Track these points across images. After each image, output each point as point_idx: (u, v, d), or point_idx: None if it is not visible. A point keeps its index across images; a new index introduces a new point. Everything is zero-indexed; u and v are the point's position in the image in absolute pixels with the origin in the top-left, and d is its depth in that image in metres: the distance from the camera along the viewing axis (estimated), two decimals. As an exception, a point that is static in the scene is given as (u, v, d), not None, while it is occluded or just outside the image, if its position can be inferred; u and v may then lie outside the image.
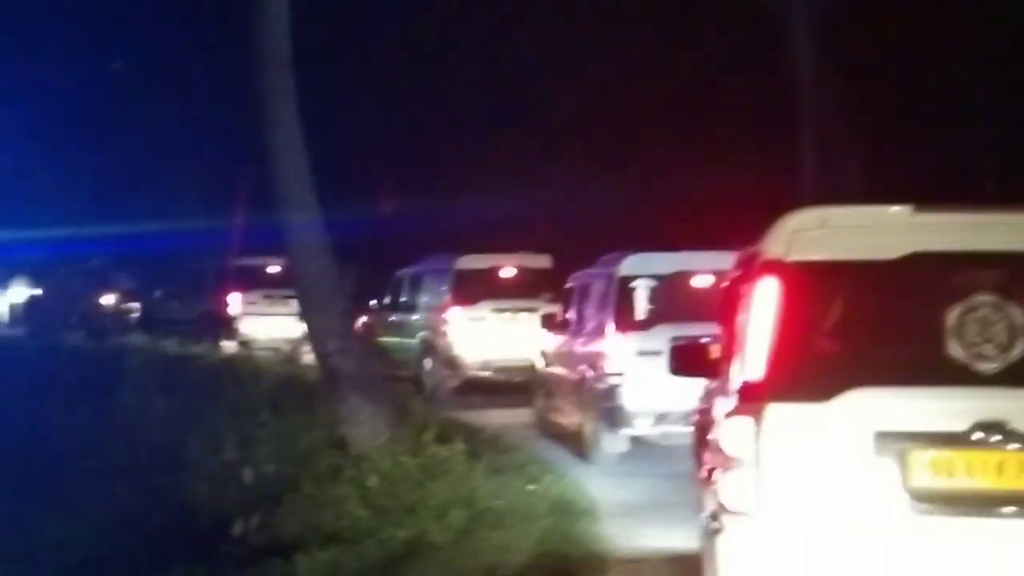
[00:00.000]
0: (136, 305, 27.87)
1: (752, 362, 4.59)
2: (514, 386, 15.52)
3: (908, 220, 4.72)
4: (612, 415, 10.95)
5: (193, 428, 11.30)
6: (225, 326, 22.31)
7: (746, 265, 5.25)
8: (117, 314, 27.69)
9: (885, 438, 4.40)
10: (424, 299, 17.39)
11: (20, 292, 33.54)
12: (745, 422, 4.53)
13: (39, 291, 31.42)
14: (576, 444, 12.01)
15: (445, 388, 16.48)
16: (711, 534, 4.84)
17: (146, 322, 25.63)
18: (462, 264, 16.70)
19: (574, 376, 12.10)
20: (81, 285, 28.51)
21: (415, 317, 17.58)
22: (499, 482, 9.54)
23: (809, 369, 4.58)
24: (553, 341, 13.53)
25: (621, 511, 9.15)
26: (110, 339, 21.81)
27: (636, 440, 11.19)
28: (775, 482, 4.49)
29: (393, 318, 18.42)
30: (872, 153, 16.48)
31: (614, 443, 11.13)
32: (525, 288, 16.09)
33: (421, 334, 17.14)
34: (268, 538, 8.49)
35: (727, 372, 5.65)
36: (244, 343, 21.63)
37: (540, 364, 14.14)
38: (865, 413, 4.43)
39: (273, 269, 21.47)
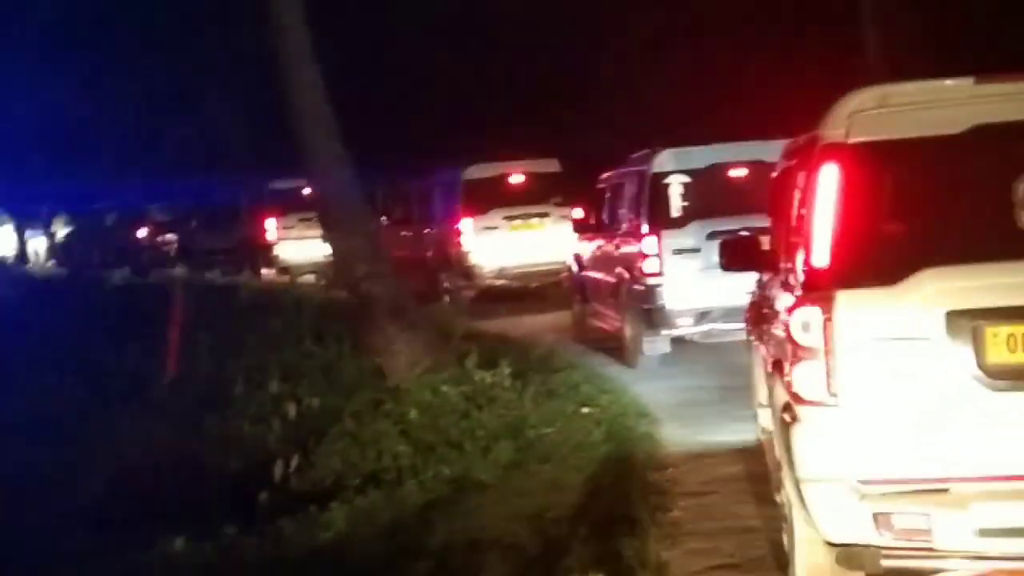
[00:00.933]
0: (173, 237, 28.01)
1: (817, 249, 4.56)
2: (531, 292, 15.96)
3: (969, 92, 4.64)
4: (652, 317, 10.97)
5: (237, 362, 11.25)
6: (264, 253, 22.24)
7: (802, 152, 5.19)
8: (152, 247, 27.80)
9: (957, 317, 4.38)
10: (436, 212, 17.51)
11: (59, 230, 33.91)
12: (814, 311, 4.51)
13: (74, 228, 31.72)
14: (617, 348, 12.07)
15: (462, 299, 16.66)
16: (785, 425, 4.86)
17: (185, 253, 25.68)
18: (470, 174, 16.74)
19: (610, 279, 12.10)
20: (115, 220, 28.70)
21: (427, 230, 17.73)
22: (550, 407, 9.16)
23: (876, 253, 4.55)
24: (586, 244, 13.55)
25: (673, 412, 9.18)
26: (150, 272, 21.78)
27: (677, 340, 11.21)
28: (848, 369, 4.49)
29: (405, 233, 18.49)
30: (939, 49, 15.96)
31: (655, 345, 11.17)
32: (535, 193, 16.25)
33: (435, 247, 17.30)
34: (308, 481, 8.26)
35: (782, 264, 5.66)
36: (284, 269, 21.61)
37: (574, 268, 14.19)
38: (935, 293, 4.40)
39: (308, 191, 21.48)
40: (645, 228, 11.01)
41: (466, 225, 16.50)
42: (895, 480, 4.47)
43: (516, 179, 16.96)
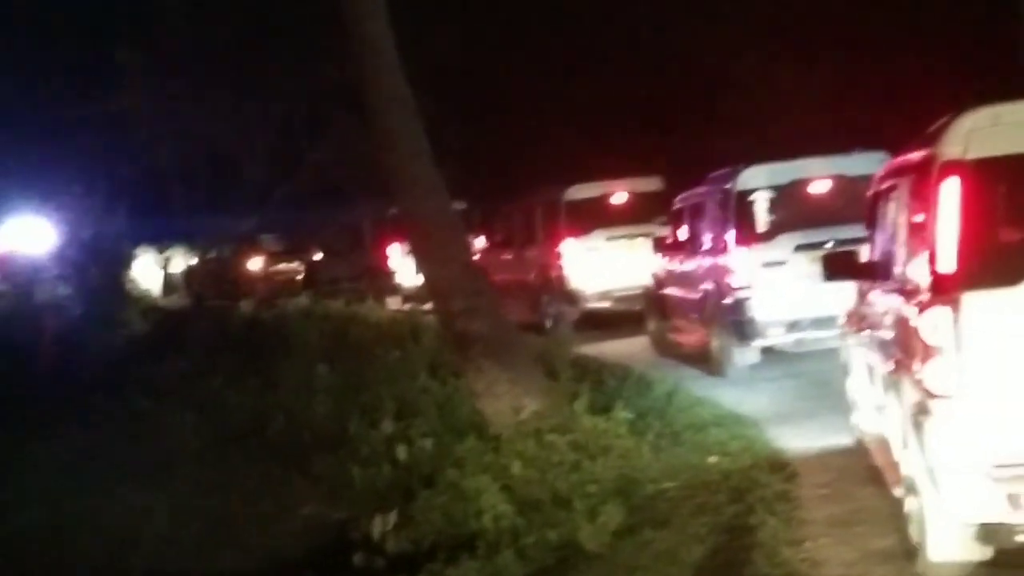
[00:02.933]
0: (288, 266, 28.45)
1: (943, 256, 5.18)
2: (635, 315, 15.67)
3: None
4: (743, 328, 11.54)
5: (354, 397, 10.87)
6: (387, 281, 22.31)
7: (915, 168, 5.81)
8: (266, 278, 28.43)
9: None
10: (537, 233, 17.60)
11: (176, 263, 34.67)
12: (943, 312, 5.13)
13: (195, 260, 32.45)
14: (701, 362, 12.64)
15: (566, 323, 16.79)
16: (917, 420, 5.46)
17: (310, 283, 25.94)
18: (571, 194, 16.85)
19: (695, 294, 12.66)
20: (230, 250, 29.29)
21: (531, 252, 17.81)
22: (672, 456, 8.54)
23: (996, 258, 5.19)
24: (665, 263, 14.12)
25: (777, 419, 9.57)
26: (273, 303, 21.94)
27: (765, 350, 11.80)
28: (976, 364, 5.11)
29: (506, 256, 18.72)
30: None
31: (745, 355, 11.76)
32: (638, 213, 16.09)
33: (537, 270, 17.38)
34: (406, 539, 7.84)
35: (896, 272, 6.27)
36: (408, 297, 21.48)
37: (651, 286, 14.73)
38: None
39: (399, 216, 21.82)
40: (733, 243, 11.62)
41: (568, 247, 16.59)
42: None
43: (618, 199, 17.00)
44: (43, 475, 10.41)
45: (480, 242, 19.87)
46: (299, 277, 27.90)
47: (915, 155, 5.91)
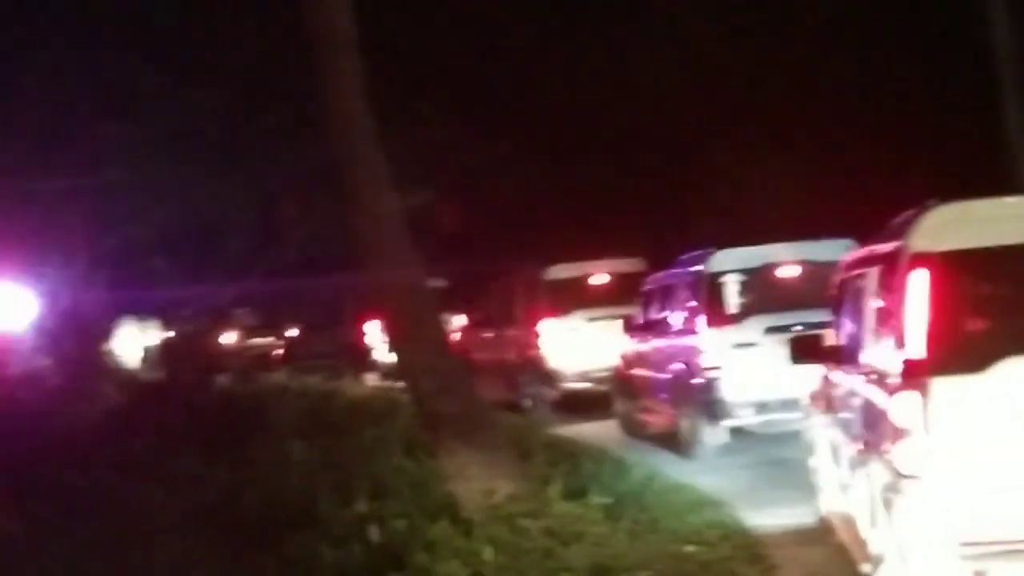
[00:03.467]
0: (262, 341, 28.38)
1: (913, 342, 5.53)
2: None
3: None
4: (713, 408, 11.83)
5: (328, 476, 10.64)
6: (365, 357, 22.53)
7: (884, 259, 6.17)
8: (238, 353, 28.47)
9: None
10: (516, 312, 17.81)
11: (154, 335, 34.65)
12: (913, 396, 5.48)
13: (171, 333, 32.56)
14: (669, 443, 12.88)
15: (544, 404, 16.97)
16: (886, 499, 5.76)
17: (288, 358, 25.98)
18: (552, 274, 17.14)
19: (665, 375, 12.96)
20: (203, 325, 29.37)
21: (510, 332, 18.00)
22: (649, 543, 8.37)
23: (964, 345, 5.56)
24: (634, 343, 14.42)
25: (750, 501, 9.68)
26: (249, 378, 22.00)
27: (735, 431, 12.02)
28: (944, 446, 5.44)
29: (486, 334, 18.93)
30: None
31: (715, 436, 12.02)
32: (618, 294, 16.06)
33: (516, 349, 17.55)
34: None
35: (863, 357, 6.63)
36: (386, 374, 21.54)
37: (620, 367, 14.99)
38: (1019, 378, 5.36)
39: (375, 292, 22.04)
40: (704, 324, 11.98)
41: (547, 327, 16.77)
42: (991, 542, 5.37)
43: (599, 279, 17.20)
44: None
45: (460, 320, 20.13)
46: (276, 352, 28.02)
47: (884, 246, 6.29)
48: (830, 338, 7.90)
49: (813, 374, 8.35)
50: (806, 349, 8.04)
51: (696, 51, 20.61)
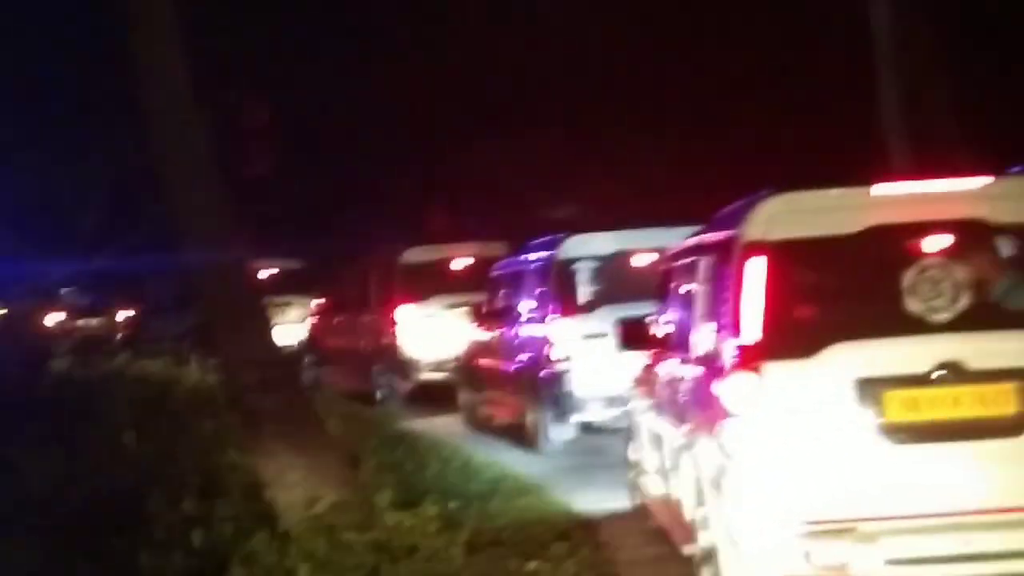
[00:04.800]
0: (91, 323, 27.92)
1: (746, 328, 6.36)
2: None
3: (865, 199, 6.57)
4: (561, 402, 12.58)
5: (160, 471, 10.64)
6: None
7: (716, 247, 7.02)
8: (65, 334, 28.03)
9: (864, 383, 6.22)
10: (371, 298, 18.25)
11: None
12: (746, 379, 6.29)
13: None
14: (516, 436, 13.65)
15: (398, 396, 17.54)
16: (716, 481, 6.61)
17: (130, 340, 25.76)
18: (409, 257, 17.60)
19: (513, 366, 13.68)
20: (29, 305, 28.90)
21: (364, 318, 18.43)
22: (487, 558, 8.50)
23: (796, 330, 6.38)
24: (481, 332, 15.14)
25: (597, 501, 10.37)
26: (86, 362, 21.77)
27: (584, 426, 12.89)
28: (773, 429, 6.25)
29: (338, 320, 19.40)
30: (962, 87, 15.73)
31: (563, 431, 12.80)
32: (480, 280, 16.15)
33: (369, 336, 18.00)
34: None
35: (695, 343, 7.47)
36: None
37: (465, 356, 15.70)
38: (846, 363, 6.23)
39: (269, 271, 22.26)
40: (553, 314, 12.70)
41: (403, 313, 17.28)
42: (817, 521, 6.24)
43: (460, 264, 17.67)
44: None
45: (313, 305, 20.68)
46: (116, 334, 27.79)
47: (716, 234, 7.13)
48: (658, 325, 8.74)
49: (638, 361, 9.17)
50: (634, 336, 8.91)
51: (570, 29, 21.55)
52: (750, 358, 6.31)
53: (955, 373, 6.23)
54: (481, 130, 23.88)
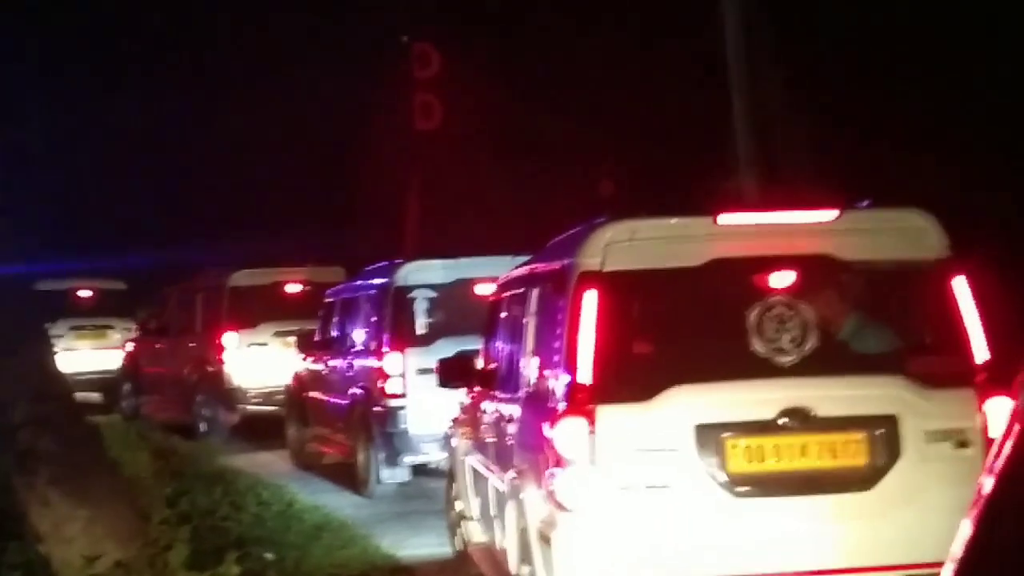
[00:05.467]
0: None
1: (579, 367, 6.13)
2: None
3: (709, 229, 6.40)
4: (393, 442, 12.25)
5: None
6: None
7: (549, 278, 6.79)
8: None
9: (704, 430, 6.03)
10: (196, 322, 17.92)
11: None
12: (578, 423, 6.04)
13: None
14: (345, 477, 13.31)
15: (222, 428, 17.16)
16: (543, 534, 6.35)
17: None
18: (237, 280, 17.25)
19: (342, 400, 13.32)
20: None
21: (188, 344, 18.07)
22: None
23: (632, 371, 6.18)
24: (311, 362, 14.77)
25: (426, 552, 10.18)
26: None
27: (418, 468, 12.59)
28: (608, 477, 6.02)
29: (159, 345, 18.94)
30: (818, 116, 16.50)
31: (395, 473, 12.46)
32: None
33: (192, 364, 17.65)
34: None
35: (526, 381, 7.23)
36: None
37: (293, 387, 15.33)
38: (685, 408, 6.04)
39: (85, 293, 22.12)
40: (387, 345, 12.35)
41: (229, 340, 16.98)
42: (650, 582, 6.04)
43: (292, 288, 17.48)
44: None
45: (133, 329, 20.32)
46: None
47: (547, 264, 6.91)
48: (481, 361, 8.53)
49: (459, 399, 9.00)
50: (454, 371, 8.67)
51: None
52: (582, 400, 6.09)
53: (802, 420, 6.09)
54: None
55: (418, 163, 21.99)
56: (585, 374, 6.10)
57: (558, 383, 6.26)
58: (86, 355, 21.80)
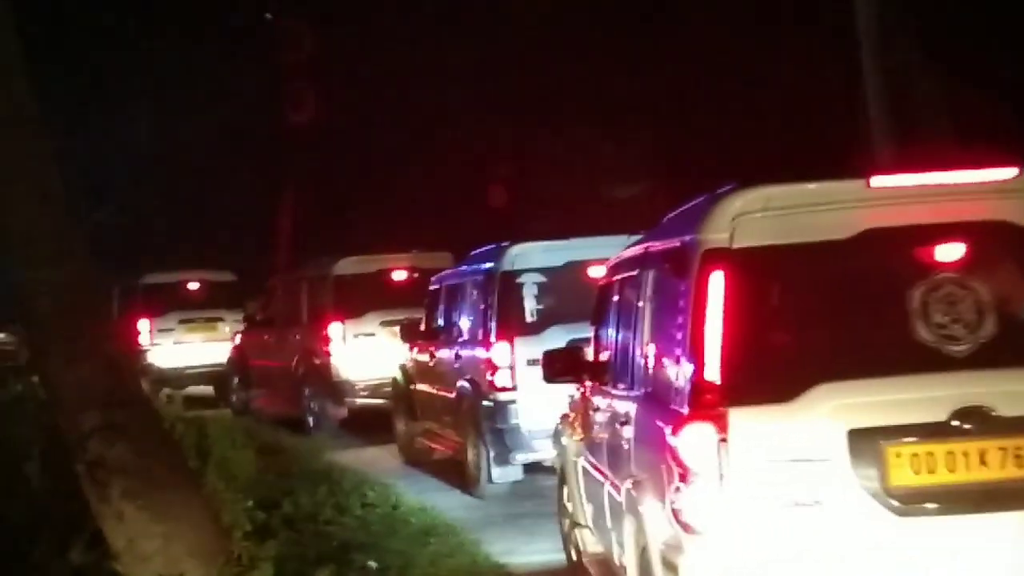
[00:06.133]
0: None
1: (705, 362, 5.09)
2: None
3: (860, 194, 5.31)
4: (504, 438, 11.45)
5: (61, 509, 9.65)
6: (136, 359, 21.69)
7: (667, 257, 5.76)
8: None
9: (860, 435, 4.96)
10: (302, 313, 17.54)
11: None
12: (705, 429, 5.02)
13: None
14: (456, 475, 12.57)
15: (330, 422, 16.73)
16: (666, 559, 5.34)
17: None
18: (342, 268, 16.82)
19: (449, 394, 12.57)
20: None
21: (294, 336, 17.69)
22: None
23: (769, 366, 5.12)
24: (416, 353, 14.06)
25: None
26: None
27: (531, 466, 11.67)
28: (743, 494, 5.00)
29: (266, 337, 18.55)
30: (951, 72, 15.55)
31: (506, 472, 11.63)
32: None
33: (299, 356, 17.27)
34: None
35: (626, 374, 6.36)
36: (160, 381, 20.85)
37: (401, 381, 14.63)
38: (835, 409, 4.98)
39: (194, 286, 22.17)
40: (495, 335, 11.52)
41: (335, 331, 16.53)
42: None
43: (399, 275, 16.98)
44: None
45: (241, 321, 20.08)
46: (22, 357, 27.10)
47: (666, 241, 5.87)
48: (592, 352, 7.66)
49: (570, 392, 8.16)
50: (561, 365, 7.78)
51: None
52: (710, 402, 5.07)
53: (980, 422, 5.01)
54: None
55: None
56: (713, 370, 5.08)
57: (681, 381, 5.26)
58: (196, 348, 21.69)
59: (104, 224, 24.58)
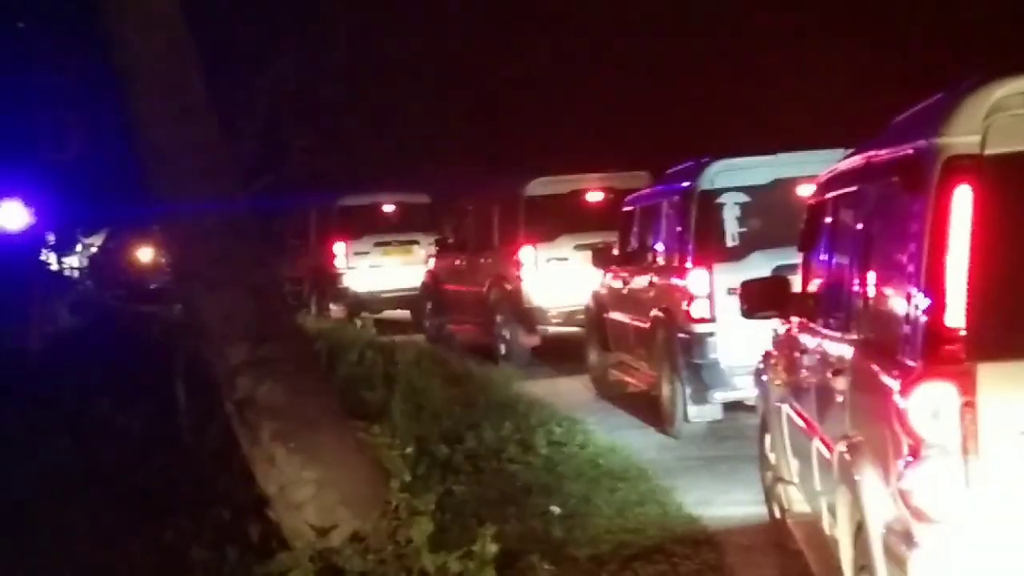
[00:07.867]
0: None
1: (947, 304, 4.06)
2: None
3: None
4: (701, 374, 10.70)
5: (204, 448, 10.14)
6: (332, 285, 22.33)
7: (896, 169, 4.65)
8: (157, 270, 28.23)
9: None
10: (493, 237, 17.13)
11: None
12: (946, 390, 4.04)
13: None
14: (650, 411, 11.89)
15: (522, 351, 16.23)
16: (892, 550, 4.28)
17: None
18: (534, 189, 16.25)
19: (643, 324, 11.89)
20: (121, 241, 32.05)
21: (485, 260, 17.30)
22: None
23: None
24: (610, 279, 13.38)
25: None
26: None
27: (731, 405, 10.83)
28: (995, 476, 4.02)
29: (458, 262, 18.24)
30: None
31: (704, 411, 10.83)
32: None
33: (490, 281, 16.87)
34: None
35: (841, 312, 5.45)
36: (356, 306, 21.09)
37: (592, 308, 14.00)
38: None
39: (389, 208, 22.28)
40: (691, 260, 10.75)
41: (527, 255, 16.05)
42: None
43: (593, 196, 16.36)
44: None
45: (434, 244, 19.79)
46: None
47: (894, 149, 4.79)
48: (800, 283, 6.79)
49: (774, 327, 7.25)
50: (762, 297, 6.85)
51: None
52: (953, 355, 4.05)
53: None
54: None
55: None
56: (956, 314, 4.06)
57: (913, 326, 4.23)
58: (392, 272, 21.44)
59: (308, 150, 24.63)
